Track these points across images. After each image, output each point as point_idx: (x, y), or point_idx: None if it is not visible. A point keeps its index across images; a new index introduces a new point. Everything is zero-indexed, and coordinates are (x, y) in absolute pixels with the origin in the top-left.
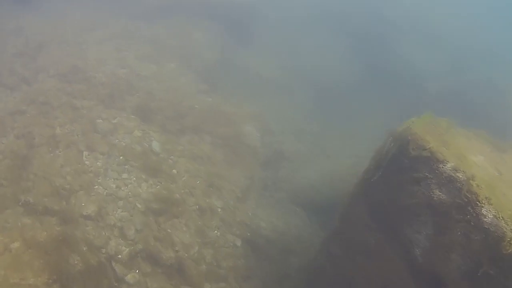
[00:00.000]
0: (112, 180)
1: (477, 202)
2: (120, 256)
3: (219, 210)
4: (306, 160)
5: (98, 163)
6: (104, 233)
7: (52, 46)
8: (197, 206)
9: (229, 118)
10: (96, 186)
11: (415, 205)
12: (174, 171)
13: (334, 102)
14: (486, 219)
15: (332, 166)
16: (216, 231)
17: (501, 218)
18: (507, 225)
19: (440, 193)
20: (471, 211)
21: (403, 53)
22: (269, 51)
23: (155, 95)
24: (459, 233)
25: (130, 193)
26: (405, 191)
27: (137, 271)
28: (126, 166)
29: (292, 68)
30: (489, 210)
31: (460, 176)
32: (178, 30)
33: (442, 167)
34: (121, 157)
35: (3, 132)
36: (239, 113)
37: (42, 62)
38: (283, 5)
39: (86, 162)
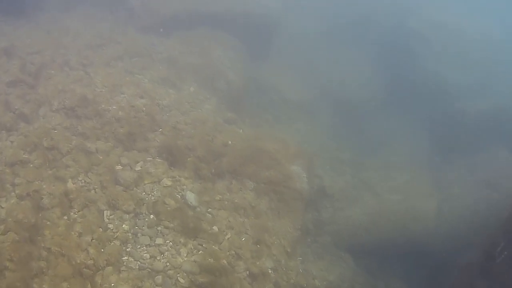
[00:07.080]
0: (144, 247)
1: None
2: None
3: (271, 272)
4: (349, 196)
5: (124, 226)
6: None
7: (53, 70)
8: (248, 272)
9: (271, 156)
10: (126, 258)
11: None
12: (215, 228)
13: (365, 125)
14: None
15: (376, 202)
16: None
17: None
18: None
19: None
20: None
21: (433, 69)
22: (292, 68)
23: (181, 131)
24: None
25: (168, 263)
26: None
27: None
28: (159, 228)
29: (317, 87)
30: None
31: None
32: (195, 46)
33: None
34: (152, 216)
35: (2, 192)
36: (280, 150)
37: (43, 91)
38: (304, 17)
39: (110, 226)
